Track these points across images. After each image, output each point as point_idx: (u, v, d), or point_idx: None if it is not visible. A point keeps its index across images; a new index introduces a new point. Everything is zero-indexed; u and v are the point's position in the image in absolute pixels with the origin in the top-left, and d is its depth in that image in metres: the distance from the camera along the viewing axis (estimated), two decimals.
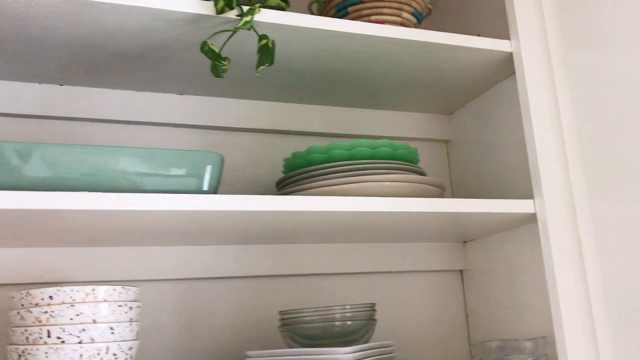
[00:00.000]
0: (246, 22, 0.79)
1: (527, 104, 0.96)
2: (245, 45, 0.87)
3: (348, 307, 0.89)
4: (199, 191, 0.81)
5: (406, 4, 0.96)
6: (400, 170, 0.92)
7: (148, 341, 0.96)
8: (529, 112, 0.96)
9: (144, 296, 0.96)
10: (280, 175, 1.04)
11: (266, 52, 0.81)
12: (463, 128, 1.21)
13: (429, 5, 1.03)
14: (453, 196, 1.23)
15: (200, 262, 1.00)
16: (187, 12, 0.81)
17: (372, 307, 0.92)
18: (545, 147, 0.94)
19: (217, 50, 0.80)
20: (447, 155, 1.25)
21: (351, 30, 0.88)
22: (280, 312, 0.91)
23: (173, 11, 0.80)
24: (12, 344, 0.74)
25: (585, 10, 0.96)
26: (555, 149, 0.95)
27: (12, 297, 0.76)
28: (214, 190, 0.83)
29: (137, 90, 1.03)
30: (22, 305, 0.75)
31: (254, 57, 0.89)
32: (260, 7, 0.80)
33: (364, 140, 0.91)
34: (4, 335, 0.83)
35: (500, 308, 1.07)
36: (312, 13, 1.03)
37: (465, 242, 1.19)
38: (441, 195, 0.97)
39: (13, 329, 0.74)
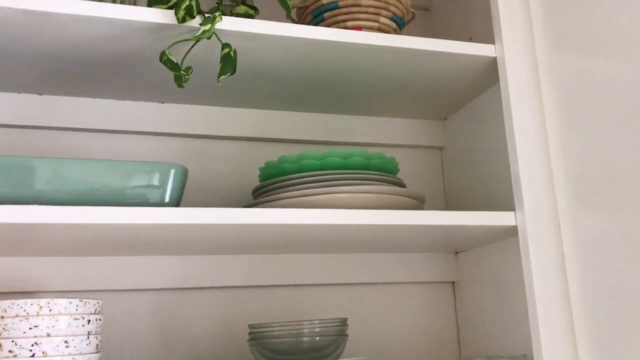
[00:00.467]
0: (204, 32, 0.77)
1: (509, 112, 0.92)
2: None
3: (317, 322, 0.87)
4: (161, 203, 0.81)
5: (384, 8, 0.93)
6: (374, 180, 0.89)
7: (123, 351, 0.95)
8: (510, 121, 0.91)
9: (120, 306, 0.96)
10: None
11: (228, 61, 0.80)
12: (456, 134, 1.17)
13: (411, 10, 0.99)
14: (446, 204, 1.19)
15: (175, 272, 0.99)
16: (149, 22, 0.80)
17: (343, 322, 0.89)
18: (527, 157, 0.90)
19: (175, 61, 0.78)
20: (441, 162, 1.22)
21: (316, 37, 0.85)
22: (249, 326, 0.90)
23: (133, 20, 0.79)
24: None
25: (573, 13, 0.91)
26: (538, 159, 0.90)
27: None
28: (176, 201, 0.82)
29: (117, 99, 1.03)
30: None
31: (241, 68, 0.88)
32: (221, 15, 0.79)
33: (336, 150, 0.89)
34: None
35: (490, 321, 1.03)
36: (292, 20, 1.01)
37: (457, 252, 1.15)
38: (419, 207, 0.93)
39: None
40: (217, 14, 0.78)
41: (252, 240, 0.91)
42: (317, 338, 0.86)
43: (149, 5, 0.82)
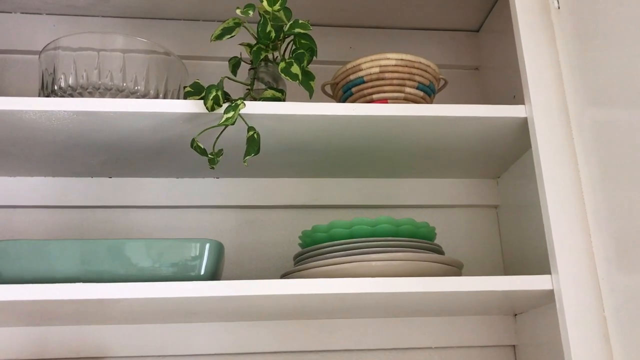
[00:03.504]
0: (228, 119, 0.84)
1: (540, 172, 0.90)
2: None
3: None
4: (198, 275, 0.87)
5: (408, 79, 0.96)
6: (403, 247, 0.90)
7: None
8: (542, 181, 0.89)
9: None
10: None
11: (252, 143, 0.86)
12: (510, 192, 1.15)
13: (441, 77, 1.01)
14: (504, 266, 1.16)
15: (227, 338, 1.05)
16: (184, 112, 0.89)
17: None
18: (560, 218, 0.87)
19: (202, 147, 0.86)
20: (497, 221, 1.20)
21: (338, 113, 0.90)
22: None
23: (171, 112, 0.89)
24: None
25: (605, 66, 0.89)
26: (572, 219, 0.87)
27: None
28: (212, 273, 0.88)
29: (177, 177, 1.13)
30: None
31: (277, 144, 0.95)
32: (244, 102, 0.86)
33: (364, 218, 0.92)
34: None
35: None
36: (326, 93, 1.07)
37: (516, 314, 1.12)
38: (457, 273, 0.93)
39: None
40: (239, 101, 0.85)
41: (290, 307, 0.95)
42: None
43: (185, 97, 0.91)
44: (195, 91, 0.89)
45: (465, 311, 1.07)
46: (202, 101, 0.88)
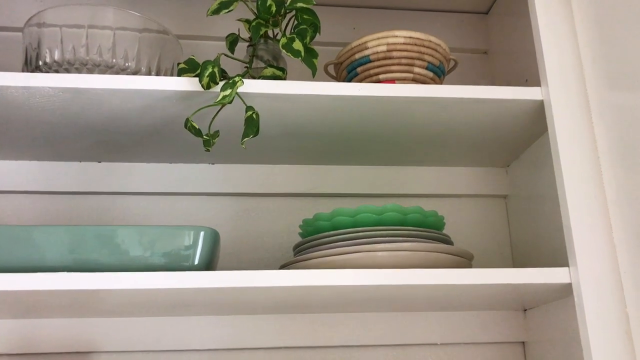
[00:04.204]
0: (225, 97, 0.79)
1: (557, 158, 0.85)
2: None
3: None
4: (191, 265, 0.82)
5: (417, 59, 0.90)
6: (411, 237, 0.85)
7: None
8: (560, 168, 0.84)
9: None
10: None
11: (251, 123, 0.80)
12: (520, 181, 1.09)
13: (451, 57, 0.96)
14: (513, 258, 1.11)
15: (223, 333, 0.99)
16: (178, 90, 0.83)
17: None
18: (580, 208, 0.82)
19: (197, 127, 0.80)
20: (506, 211, 1.14)
21: (342, 93, 0.84)
22: None
23: (163, 90, 0.83)
24: None
25: (627, 46, 0.83)
26: (592, 209, 0.82)
27: None
28: (206, 263, 0.82)
29: (170, 163, 1.07)
30: None
31: (277, 127, 0.89)
32: (242, 79, 0.80)
33: (369, 206, 0.86)
34: None
35: None
36: (329, 74, 1.01)
37: (525, 310, 1.07)
38: (466, 264, 0.87)
39: None
40: (237, 78, 0.80)
41: (289, 300, 0.89)
42: None
43: (179, 74, 0.85)
44: (189, 68, 0.83)
45: (472, 306, 1.02)
46: (197, 79, 0.82)
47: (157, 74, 0.89)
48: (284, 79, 0.89)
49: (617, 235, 0.81)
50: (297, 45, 0.83)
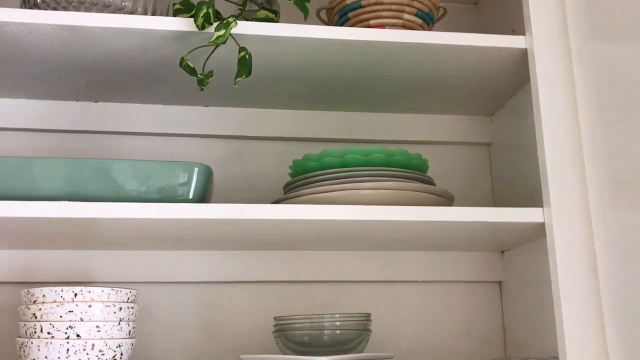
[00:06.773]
0: (219, 37, 0.81)
1: (537, 105, 0.88)
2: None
3: (338, 316, 0.88)
4: (186, 200, 0.86)
5: (407, 5, 0.93)
6: (396, 177, 0.89)
7: (167, 340, 1.02)
8: (539, 114, 0.88)
9: (163, 298, 1.03)
10: None
11: (243, 64, 0.83)
12: (503, 130, 1.14)
13: (440, 5, 0.98)
14: (494, 202, 1.16)
15: (217, 267, 1.04)
16: (173, 30, 0.85)
17: (365, 317, 0.90)
18: (556, 152, 0.86)
19: (192, 66, 0.83)
20: (489, 159, 1.18)
21: (333, 37, 0.87)
22: (275, 318, 0.93)
23: (159, 30, 0.85)
24: (18, 337, 0.84)
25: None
26: (568, 154, 0.86)
27: (20, 295, 0.85)
28: (200, 198, 0.86)
29: (164, 104, 1.10)
30: (24, 302, 0.83)
31: (269, 70, 0.91)
32: (235, 20, 0.82)
33: (356, 147, 0.90)
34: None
35: (535, 322, 1.00)
36: (320, 19, 1.03)
37: (503, 251, 1.12)
38: (447, 204, 0.92)
39: (19, 322, 0.84)
40: (231, 19, 0.82)
41: (278, 236, 0.94)
42: (338, 332, 0.88)
43: (174, 15, 0.87)
44: (185, 8, 0.86)
45: (452, 246, 1.07)
46: (192, 19, 0.85)
47: (153, 14, 0.91)
48: (277, 21, 0.92)
49: (589, 179, 0.85)
50: None
